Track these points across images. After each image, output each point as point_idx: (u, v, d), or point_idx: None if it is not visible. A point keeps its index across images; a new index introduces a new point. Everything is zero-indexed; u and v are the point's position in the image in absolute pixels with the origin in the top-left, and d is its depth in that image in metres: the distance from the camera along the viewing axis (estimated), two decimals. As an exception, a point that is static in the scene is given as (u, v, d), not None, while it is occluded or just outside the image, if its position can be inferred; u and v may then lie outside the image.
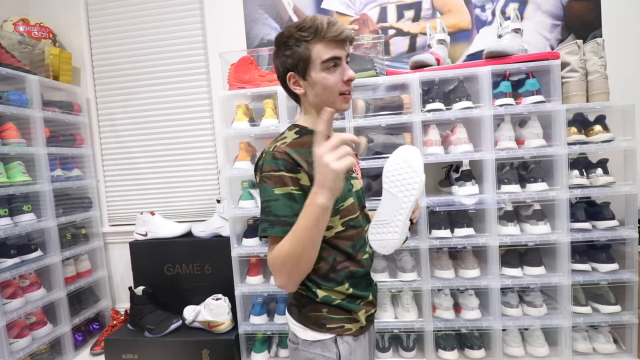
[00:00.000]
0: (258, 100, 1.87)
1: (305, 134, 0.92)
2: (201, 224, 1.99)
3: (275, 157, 0.84)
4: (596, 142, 1.58)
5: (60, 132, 2.05)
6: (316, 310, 0.91)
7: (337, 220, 0.89)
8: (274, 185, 0.83)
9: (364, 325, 0.93)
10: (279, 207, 0.82)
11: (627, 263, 1.61)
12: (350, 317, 0.91)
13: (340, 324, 0.90)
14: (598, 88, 1.60)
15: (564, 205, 1.57)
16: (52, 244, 1.88)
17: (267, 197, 0.83)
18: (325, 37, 0.84)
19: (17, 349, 1.66)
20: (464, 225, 1.65)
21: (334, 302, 0.90)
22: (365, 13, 2.03)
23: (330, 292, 0.90)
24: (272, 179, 0.83)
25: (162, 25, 2.20)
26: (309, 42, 0.85)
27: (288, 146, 0.86)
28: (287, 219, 0.81)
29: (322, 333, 0.89)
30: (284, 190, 0.82)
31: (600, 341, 1.63)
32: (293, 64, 0.88)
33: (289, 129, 0.94)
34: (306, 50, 0.85)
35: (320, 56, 0.85)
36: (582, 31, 1.89)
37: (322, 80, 0.86)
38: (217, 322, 1.78)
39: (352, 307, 0.91)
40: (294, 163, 0.84)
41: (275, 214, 0.82)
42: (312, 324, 0.90)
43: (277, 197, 0.82)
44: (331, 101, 0.89)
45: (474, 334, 1.69)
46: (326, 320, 0.90)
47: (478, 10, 1.96)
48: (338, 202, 0.88)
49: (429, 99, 1.65)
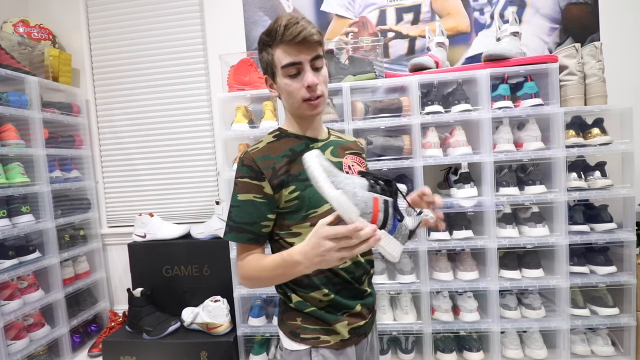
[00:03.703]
0: (257, 102, 1.87)
1: (283, 137, 0.90)
2: (200, 225, 1.99)
3: (243, 164, 0.85)
4: (594, 145, 1.59)
5: (59, 133, 2.05)
6: (292, 318, 0.87)
7: (308, 228, 0.82)
8: (238, 192, 0.84)
9: (347, 339, 0.85)
10: (238, 213, 0.84)
11: (625, 265, 1.61)
12: (328, 328, 0.85)
13: (314, 335, 0.85)
14: (596, 91, 1.61)
15: (562, 207, 1.58)
16: (50, 245, 1.87)
17: (232, 203, 0.86)
18: (282, 41, 0.79)
19: (15, 351, 1.65)
20: (462, 228, 1.65)
21: (307, 309, 0.85)
22: (365, 16, 2.04)
23: (305, 298, 0.85)
24: (238, 185, 0.85)
25: (162, 27, 2.20)
26: (271, 47, 0.82)
27: (258, 152, 0.85)
28: (244, 225, 0.83)
29: (297, 343, 0.86)
30: (246, 197, 0.83)
31: (599, 344, 1.63)
32: (264, 69, 0.87)
33: (269, 133, 0.93)
34: (269, 56, 0.83)
35: (280, 61, 0.81)
36: (580, 35, 1.90)
37: (285, 86, 0.83)
38: (215, 324, 1.78)
39: (328, 318, 0.85)
40: (259, 171, 0.83)
41: (234, 220, 0.84)
42: (288, 332, 0.87)
43: (238, 203, 0.84)
44: (296, 107, 0.86)
45: (472, 336, 1.69)
46: (300, 330, 0.86)
47: (477, 14, 1.97)
48: (306, 210, 0.83)
49: (428, 102, 1.66)
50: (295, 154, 0.86)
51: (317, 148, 0.89)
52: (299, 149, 0.87)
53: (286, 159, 0.85)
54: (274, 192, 0.83)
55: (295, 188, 0.83)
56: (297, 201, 0.83)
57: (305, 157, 0.66)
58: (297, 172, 0.84)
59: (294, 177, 0.83)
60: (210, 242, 1.93)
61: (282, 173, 0.83)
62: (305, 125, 0.91)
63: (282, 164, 0.84)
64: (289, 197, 0.83)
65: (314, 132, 0.93)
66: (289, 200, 0.83)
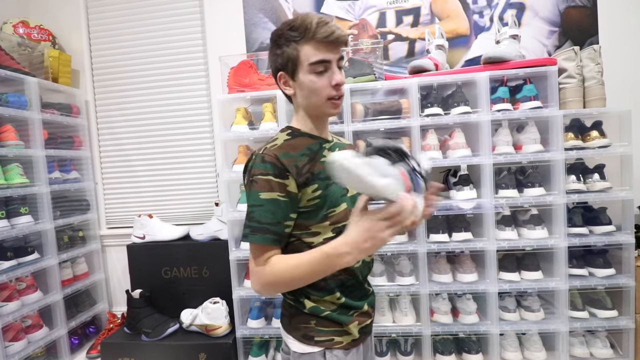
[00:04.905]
0: (257, 104, 1.87)
1: (297, 136, 0.88)
2: (199, 227, 1.99)
3: (264, 160, 0.80)
4: (593, 147, 1.59)
5: (58, 134, 2.05)
6: (304, 322, 0.86)
7: (327, 226, 0.85)
8: (260, 190, 0.79)
9: (357, 338, 0.88)
10: (262, 213, 0.79)
11: (623, 268, 1.62)
12: (341, 329, 0.86)
13: (329, 337, 0.85)
14: (595, 94, 1.61)
15: (561, 210, 1.58)
16: (49, 246, 1.87)
17: (252, 202, 0.80)
18: (314, 38, 0.79)
19: (13, 353, 1.65)
20: (461, 230, 1.65)
21: (322, 313, 0.85)
22: (365, 18, 2.05)
23: (320, 303, 0.86)
24: (259, 182, 0.79)
25: (162, 29, 2.21)
26: (298, 43, 0.81)
27: (278, 149, 0.82)
28: (269, 226, 0.79)
29: (310, 346, 0.85)
30: (270, 196, 0.79)
31: (598, 346, 1.63)
32: (283, 64, 0.84)
33: (281, 131, 0.91)
34: (294, 51, 0.81)
35: (308, 58, 0.80)
36: (579, 38, 1.90)
37: (310, 83, 0.82)
38: (214, 325, 1.77)
39: (342, 319, 0.86)
40: (283, 168, 0.80)
41: (259, 221, 0.79)
42: (300, 336, 0.86)
43: (262, 202, 0.79)
44: (318, 105, 0.85)
45: (471, 338, 1.69)
46: (314, 333, 0.85)
47: (476, 17, 1.98)
48: (326, 209, 0.84)
49: (428, 104, 1.66)
50: (312, 152, 0.86)
51: (327, 149, 0.90)
52: (315, 148, 0.87)
53: (306, 157, 0.84)
54: (298, 190, 0.81)
55: (317, 187, 0.82)
56: (319, 200, 0.83)
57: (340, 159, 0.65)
58: (318, 171, 0.84)
59: (316, 176, 0.83)
60: (210, 244, 1.93)
61: (306, 171, 0.82)
62: (318, 125, 0.91)
63: (303, 162, 0.83)
64: (311, 195, 0.82)
65: (324, 132, 0.93)
66: (311, 199, 0.82)
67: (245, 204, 0.84)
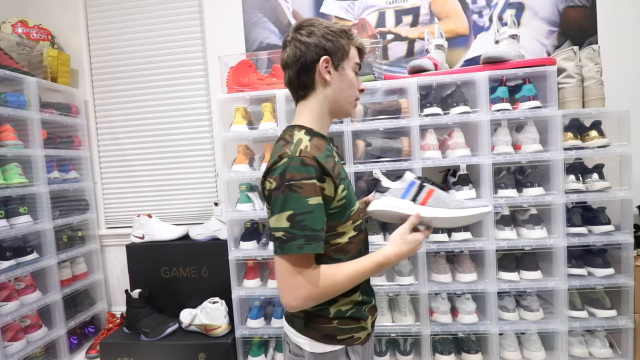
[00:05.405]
0: (256, 104, 1.87)
1: (313, 135, 0.84)
2: (199, 226, 1.99)
3: (305, 164, 0.75)
4: (592, 147, 1.59)
5: (57, 134, 2.05)
6: (325, 323, 0.86)
7: (350, 225, 0.86)
8: (307, 195, 0.74)
9: (370, 332, 0.93)
10: (314, 220, 0.74)
11: (622, 268, 1.62)
12: (359, 326, 0.88)
13: (350, 334, 0.87)
14: (594, 94, 1.61)
15: (560, 209, 1.58)
16: (48, 246, 1.87)
17: (301, 209, 0.74)
18: (357, 44, 0.89)
19: (12, 352, 1.64)
20: (461, 229, 1.65)
21: (346, 314, 0.87)
22: (364, 18, 2.05)
23: (342, 305, 0.87)
24: (305, 187, 0.74)
25: (162, 28, 2.21)
26: (350, 41, 0.87)
27: (313, 150, 0.79)
28: (321, 233, 0.76)
29: (332, 345, 0.85)
30: (317, 201, 0.75)
31: (597, 346, 1.63)
32: (333, 50, 0.84)
33: (297, 130, 0.84)
34: (347, 46, 0.87)
35: (354, 57, 0.89)
36: (578, 38, 1.91)
37: (352, 78, 0.88)
38: (213, 325, 1.77)
39: (360, 315, 0.89)
40: (322, 170, 0.77)
41: (312, 228, 0.74)
42: (321, 337, 0.85)
43: (311, 208, 0.74)
44: (347, 101, 0.90)
45: (471, 338, 1.69)
46: (337, 332, 0.86)
47: (476, 16, 1.98)
48: (350, 208, 0.85)
49: (427, 104, 1.66)
50: (331, 153, 0.87)
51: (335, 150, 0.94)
52: (329, 148, 0.88)
53: (330, 158, 0.84)
54: (334, 192, 0.80)
55: (344, 187, 0.84)
56: (345, 200, 0.84)
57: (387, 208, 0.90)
58: (338, 171, 0.85)
59: (338, 177, 0.83)
60: (209, 244, 1.93)
61: (337, 173, 0.83)
62: (328, 125, 0.93)
63: (331, 163, 0.83)
64: (341, 196, 0.82)
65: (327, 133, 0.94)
66: (340, 199, 0.82)
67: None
